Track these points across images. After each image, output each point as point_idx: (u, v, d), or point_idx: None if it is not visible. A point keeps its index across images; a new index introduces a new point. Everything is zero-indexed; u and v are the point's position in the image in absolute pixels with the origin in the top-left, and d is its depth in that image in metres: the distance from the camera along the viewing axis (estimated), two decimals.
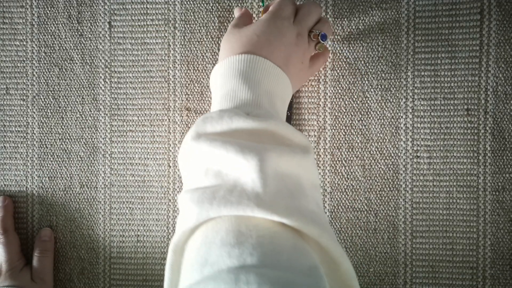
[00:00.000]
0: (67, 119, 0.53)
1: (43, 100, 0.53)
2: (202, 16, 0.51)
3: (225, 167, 0.31)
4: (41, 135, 0.53)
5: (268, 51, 0.39)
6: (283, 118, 0.40)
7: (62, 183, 0.53)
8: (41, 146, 0.53)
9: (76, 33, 0.52)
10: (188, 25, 0.51)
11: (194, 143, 0.33)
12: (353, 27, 0.50)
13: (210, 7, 0.51)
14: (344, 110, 0.50)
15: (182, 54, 0.51)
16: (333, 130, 0.50)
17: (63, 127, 0.53)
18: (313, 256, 0.29)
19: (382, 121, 0.50)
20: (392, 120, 0.50)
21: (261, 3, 0.49)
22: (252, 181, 0.30)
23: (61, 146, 0.53)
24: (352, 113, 0.50)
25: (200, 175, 0.33)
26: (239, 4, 0.50)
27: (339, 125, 0.50)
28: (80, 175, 0.53)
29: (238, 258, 0.26)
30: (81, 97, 0.52)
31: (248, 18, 0.44)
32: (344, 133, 0.50)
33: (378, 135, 0.50)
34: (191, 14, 0.51)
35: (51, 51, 0.52)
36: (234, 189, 0.30)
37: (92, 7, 0.52)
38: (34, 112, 0.53)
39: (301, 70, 0.42)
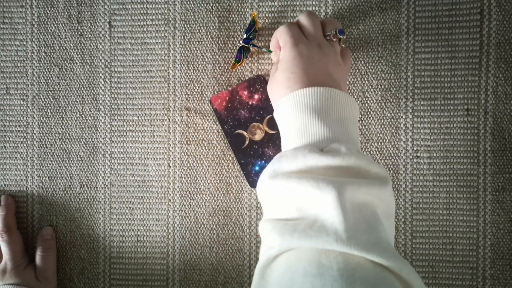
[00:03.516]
0: (67, 119, 0.53)
1: (43, 100, 0.53)
2: (202, 16, 0.51)
3: (304, 201, 0.33)
4: (41, 135, 0.53)
5: (312, 79, 0.39)
6: (357, 142, 0.39)
7: (62, 183, 0.53)
8: (41, 146, 0.53)
9: (76, 33, 0.52)
10: (188, 25, 0.51)
11: (272, 181, 0.35)
12: (353, 27, 0.50)
13: (210, 7, 0.51)
14: None
15: (182, 54, 0.51)
16: None
17: (63, 127, 0.53)
18: (397, 286, 0.29)
19: (382, 121, 0.50)
20: (392, 120, 0.50)
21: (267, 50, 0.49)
22: (331, 217, 0.31)
23: (61, 146, 0.53)
24: None
25: (281, 207, 0.35)
26: (239, 4, 0.50)
27: None
28: (80, 175, 0.53)
29: None
30: (81, 97, 0.52)
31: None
32: None
33: (378, 135, 0.50)
34: (191, 14, 0.51)
35: (51, 51, 0.52)
36: (314, 224, 0.31)
37: (92, 7, 0.52)
38: (34, 112, 0.53)
39: (342, 71, 0.43)
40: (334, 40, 0.43)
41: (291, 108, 0.38)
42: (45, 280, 0.51)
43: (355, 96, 0.50)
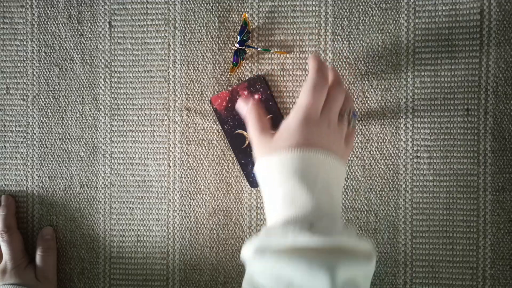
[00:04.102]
0: (67, 119, 0.53)
1: (43, 100, 0.53)
2: (202, 16, 0.51)
3: (295, 281, 0.33)
4: (41, 135, 0.53)
5: (307, 146, 0.38)
6: (340, 203, 0.39)
7: (62, 183, 0.53)
8: (41, 146, 0.53)
9: (76, 33, 0.52)
10: (188, 25, 0.51)
11: (259, 256, 0.34)
12: (353, 27, 0.50)
13: (210, 7, 0.51)
14: None
15: (182, 54, 0.51)
16: None
17: (63, 127, 0.53)
18: None
19: (382, 121, 0.50)
20: (392, 120, 0.50)
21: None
22: None
23: (61, 146, 0.53)
24: None
25: (271, 282, 0.34)
26: (239, 4, 0.50)
27: None
28: (80, 175, 0.53)
29: None
30: (81, 97, 0.52)
31: (265, 118, 0.42)
32: None
33: (378, 135, 0.50)
34: (191, 14, 0.51)
35: (51, 51, 0.52)
36: None
37: (92, 7, 0.52)
38: (34, 112, 0.53)
39: (344, 153, 0.42)
40: (346, 122, 0.42)
41: (279, 170, 0.37)
42: (45, 280, 0.51)
43: (355, 96, 0.50)
